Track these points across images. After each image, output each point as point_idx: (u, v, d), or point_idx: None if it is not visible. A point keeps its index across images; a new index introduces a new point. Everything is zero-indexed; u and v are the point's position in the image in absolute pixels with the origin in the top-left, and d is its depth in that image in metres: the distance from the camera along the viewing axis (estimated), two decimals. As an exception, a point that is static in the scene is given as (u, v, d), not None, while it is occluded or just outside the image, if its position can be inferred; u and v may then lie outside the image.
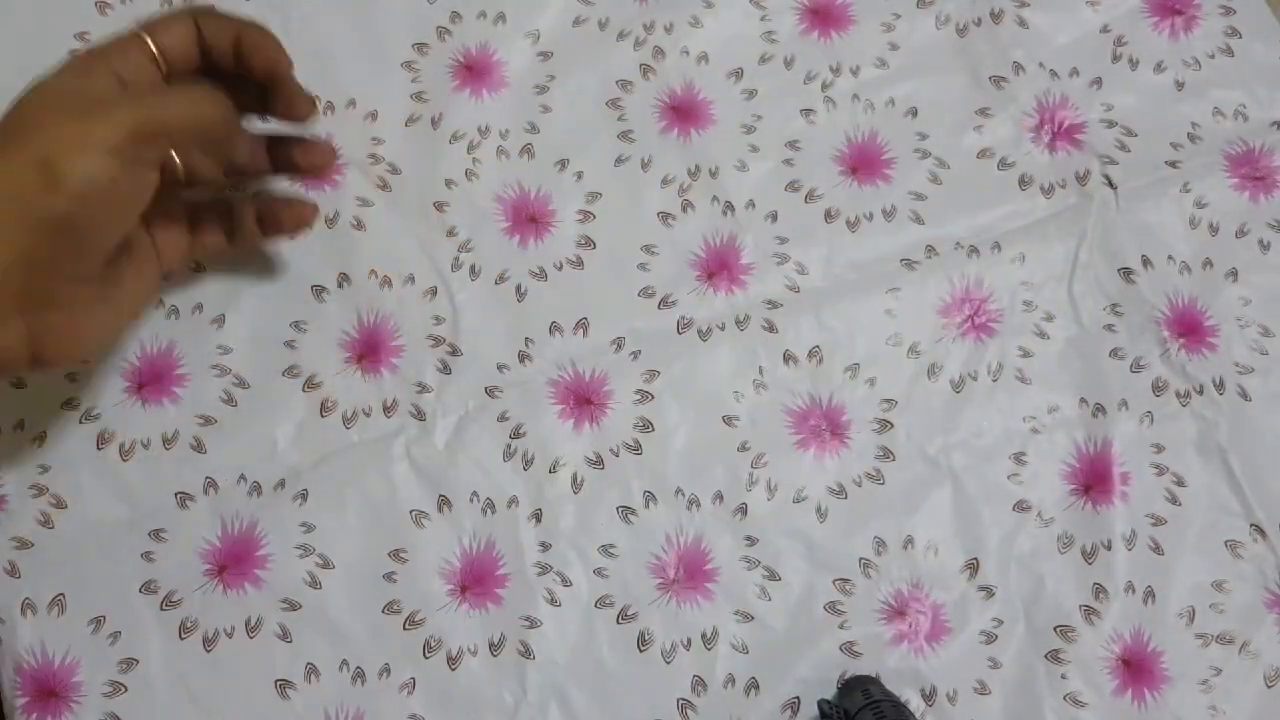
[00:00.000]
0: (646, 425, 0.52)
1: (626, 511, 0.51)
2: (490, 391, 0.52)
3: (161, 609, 0.49)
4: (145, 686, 0.48)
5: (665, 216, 0.56)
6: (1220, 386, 0.55)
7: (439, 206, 0.55)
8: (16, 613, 0.48)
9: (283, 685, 0.49)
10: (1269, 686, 0.51)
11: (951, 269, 0.56)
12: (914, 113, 0.58)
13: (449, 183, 0.55)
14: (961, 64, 0.59)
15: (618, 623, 0.50)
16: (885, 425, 0.54)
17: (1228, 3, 0.61)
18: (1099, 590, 0.52)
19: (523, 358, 0.53)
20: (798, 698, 0.50)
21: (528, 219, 0.55)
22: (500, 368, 0.53)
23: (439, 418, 0.52)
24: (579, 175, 0.56)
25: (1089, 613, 0.52)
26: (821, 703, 0.48)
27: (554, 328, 0.54)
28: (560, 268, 0.54)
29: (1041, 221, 0.57)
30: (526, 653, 0.49)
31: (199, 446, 0.51)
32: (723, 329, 0.54)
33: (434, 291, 0.54)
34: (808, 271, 0.55)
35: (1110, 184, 0.58)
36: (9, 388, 0.51)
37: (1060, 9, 0.60)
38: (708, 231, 0.55)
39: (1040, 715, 0.50)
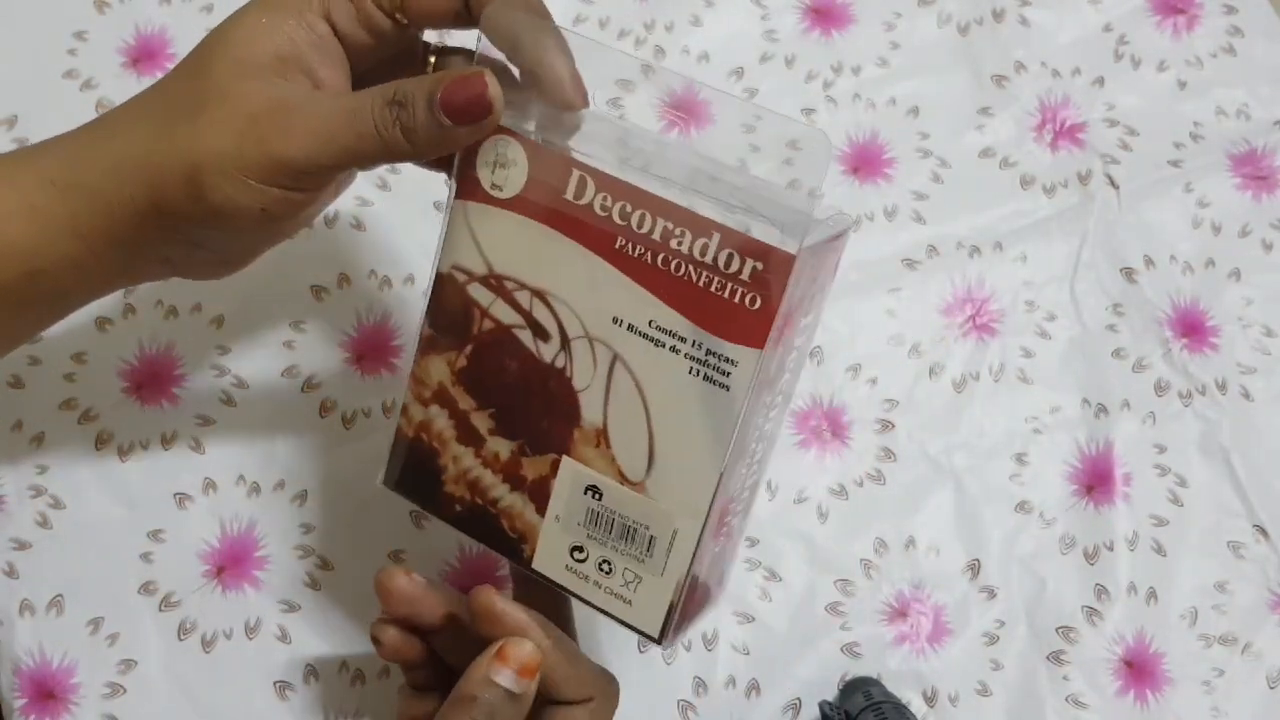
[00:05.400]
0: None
1: (627, 512, 0.51)
2: (490, 392, 0.52)
3: (160, 610, 0.49)
4: (144, 688, 0.48)
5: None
6: (1223, 387, 0.55)
7: (439, 206, 0.55)
8: (15, 613, 0.48)
9: (282, 687, 0.48)
10: (1271, 688, 0.51)
11: (953, 269, 0.56)
12: (915, 112, 0.58)
13: (449, 183, 0.55)
14: (963, 63, 0.59)
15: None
16: (886, 425, 0.53)
17: (1230, 1, 0.61)
18: (1101, 591, 0.52)
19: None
20: (799, 699, 0.50)
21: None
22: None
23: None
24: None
25: (1091, 614, 0.51)
26: (823, 704, 0.48)
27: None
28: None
29: (1043, 221, 0.57)
30: (526, 654, 0.49)
31: (198, 447, 0.51)
32: (723, 329, 0.54)
33: (434, 291, 0.53)
34: (809, 271, 0.55)
35: (1112, 183, 0.57)
36: (7, 388, 0.50)
37: (1062, 8, 0.60)
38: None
39: (1042, 716, 0.50)
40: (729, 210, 0.33)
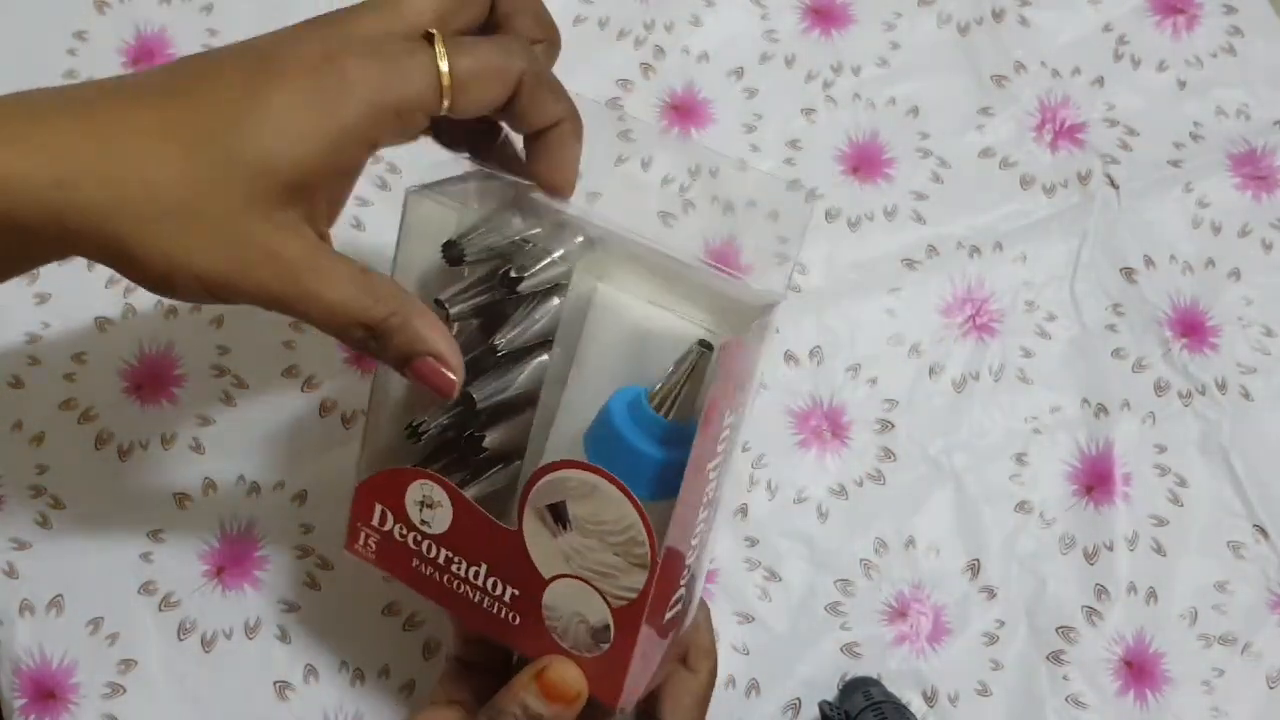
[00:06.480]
0: (647, 425, 0.52)
1: (627, 512, 0.51)
2: (490, 392, 0.52)
3: (160, 610, 0.49)
4: (144, 688, 0.48)
5: (665, 216, 0.55)
6: (1222, 387, 0.55)
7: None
8: (15, 613, 0.48)
9: (282, 687, 0.48)
10: (1271, 688, 0.51)
11: (953, 269, 0.56)
12: (915, 112, 0.58)
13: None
14: (963, 63, 0.59)
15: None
16: (886, 425, 0.53)
17: (1230, 2, 0.61)
18: (1101, 591, 0.52)
19: (523, 358, 0.53)
20: (799, 699, 0.50)
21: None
22: (500, 368, 0.53)
23: (439, 418, 0.52)
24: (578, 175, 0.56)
25: (1091, 614, 0.51)
26: (823, 704, 0.48)
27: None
28: (560, 267, 0.54)
29: (1043, 221, 0.57)
30: (526, 654, 0.49)
31: (197, 447, 0.51)
32: (723, 329, 0.54)
33: (434, 291, 0.53)
34: (809, 271, 0.55)
35: (1112, 183, 0.57)
36: (7, 388, 0.50)
37: (1062, 7, 0.60)
38: (708, 231, 0.55)
39: (1042, 716, 0.50)
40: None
